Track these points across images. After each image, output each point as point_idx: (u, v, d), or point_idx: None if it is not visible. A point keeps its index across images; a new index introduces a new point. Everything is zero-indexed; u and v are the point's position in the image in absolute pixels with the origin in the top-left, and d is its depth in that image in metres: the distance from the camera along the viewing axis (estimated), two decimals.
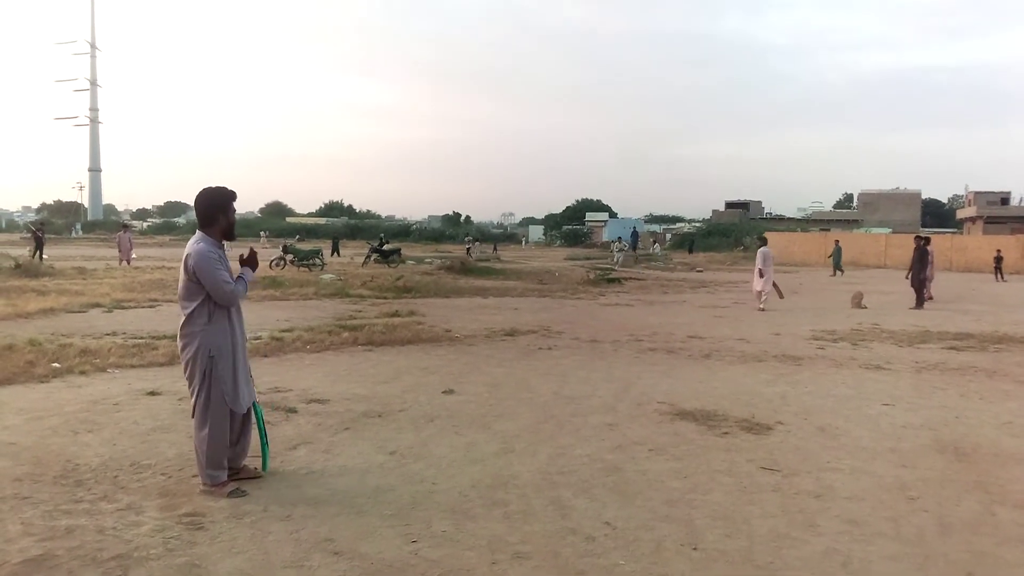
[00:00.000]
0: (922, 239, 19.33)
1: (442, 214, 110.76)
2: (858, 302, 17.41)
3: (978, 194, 70.93)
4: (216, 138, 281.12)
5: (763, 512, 4.43)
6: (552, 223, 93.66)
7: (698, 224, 79.33)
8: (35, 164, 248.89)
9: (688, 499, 4.61)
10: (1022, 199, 73.16)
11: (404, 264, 30.31)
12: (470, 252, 41.47)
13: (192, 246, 4.55)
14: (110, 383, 7.47)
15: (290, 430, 5.93)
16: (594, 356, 9.85)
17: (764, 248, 17.12)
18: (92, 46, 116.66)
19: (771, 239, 19.69)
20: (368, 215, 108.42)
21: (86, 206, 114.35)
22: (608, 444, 5.75)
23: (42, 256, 27.39)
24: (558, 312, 15.37)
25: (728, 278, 28.38)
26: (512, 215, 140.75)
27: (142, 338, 9.99)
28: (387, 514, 4.27)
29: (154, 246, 48.74)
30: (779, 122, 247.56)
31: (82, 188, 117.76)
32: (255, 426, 4.86)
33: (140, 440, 5.52)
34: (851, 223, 76.24)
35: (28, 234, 39.33)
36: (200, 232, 4.65)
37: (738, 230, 62.37)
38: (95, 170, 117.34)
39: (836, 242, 34.21)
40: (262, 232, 67.30)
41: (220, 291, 4.49)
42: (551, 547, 3.89)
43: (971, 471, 5.31)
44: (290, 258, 27.19)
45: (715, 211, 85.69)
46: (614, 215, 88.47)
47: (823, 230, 60.84)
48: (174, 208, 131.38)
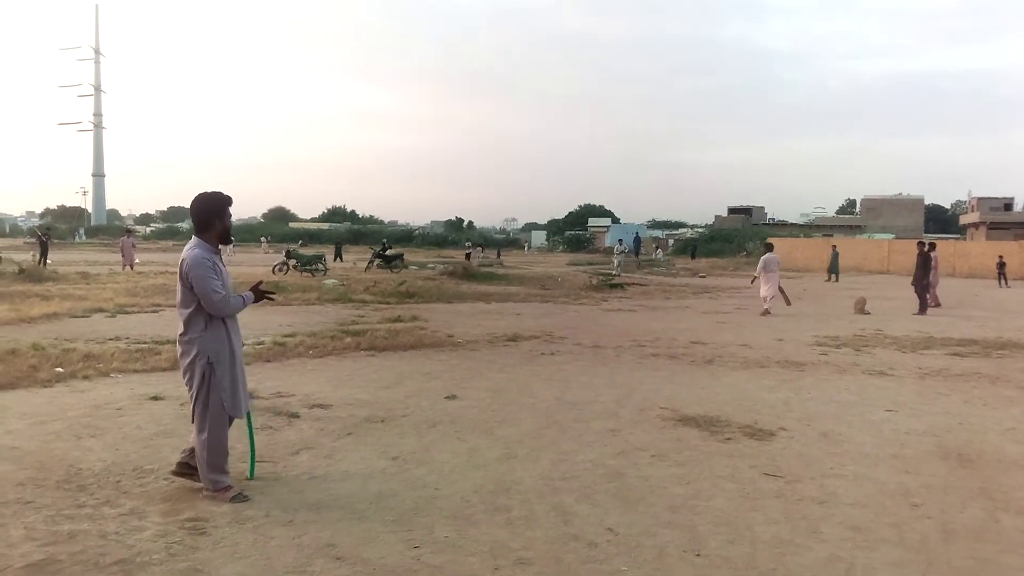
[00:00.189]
0: (925, 245, 19.32)
1: (445, 219, 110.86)
2: (861, 308, 17.39)
3: (981, 200, 70.80)
4: (219, 143, 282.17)
5: (766, 518, 4.42)
6: (555, 228, 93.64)
7: (701, 229, 79.28)
8: (39, 169, 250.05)
9: (691, 505, 4.61)
10: None
11: (407, 269, 30.34)
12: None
13: (188, 252, 4.56)
14: (113, 388, 7.49)
15: (292, 435, 5.94)
16: (596, 362, 9.84)
17: (766, 255, 17.30)
18: (96, 52, 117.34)
19: (774, 245, 19.66)
20: (371, 220, 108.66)
21: (89, 211, 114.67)
22: (610, 450, 5.74)
23: (46, 261, 27.44)
24: (561, 317, 15.37)
25: (731, 283, 28.36)
26: (515, 220, 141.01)
27: (145, 343, 10.02)
28: (389, 520, 4.27)
29: (157, 251, 48.78)
30: (782, 128, 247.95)
31: (85, 193, 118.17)
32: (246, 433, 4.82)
33: (143, 445, 5.52)
34: (854, 229, 76.14)
35: (33, 239, 39.45)
36: (196, 238, 4.65)
37: (741, 235, 62.35)
38: (99, 175, 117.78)
39: (833, 248, 34.15)
40: (263, 238, 67.55)
41: (209, 299, 4.47)
42: (553, 553, 3.88)
43: (975, 477, 5.30)
44: (293, 263, 27.24)
45: (718, 216, 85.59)
46: (617, 220, 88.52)
47: (826, 235, 60.77)
48: (177, 213, 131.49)
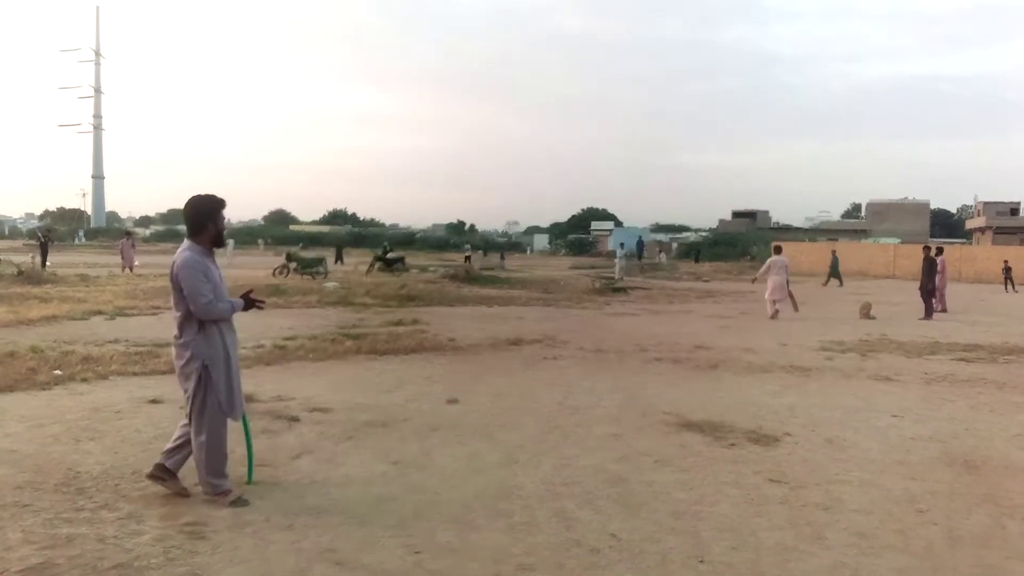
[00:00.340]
0: (931, 249, 19.28)
1: (446, 222, 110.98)
2: (866, 312, 17.34)
3: (987, 204, 70.70)
4: (219, 146, 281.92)
5: (770, 524, 4.38)
6: (557, 232, 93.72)
7: (704, 233, 79.27)
8: (38, 171, 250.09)
9: (694, 511, 4.57)
10: None
11: (408, 272, 30.29)
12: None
13: (179, 255, 4.55)
14: (112, 391, 7.46)
15: (293, 439, 5.90)
16: (599, 366, 9.80)
17: (772, 257, 17.47)
18: (96, 53, 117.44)
19: (782, 248, 19.65)
20: (372, 223, 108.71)
21: (89, 213, 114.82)
22: (613, 455, 5.70)
23: (45, 263, 27.44)
24: (563, 321, 15.33)
25: (735, 288, 28.33)
26: (517, 223, 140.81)
27: (144, 346, 9.98)
28: (390, 524, 4.23)
29: (157, 253, 48.67)
30: (786, 131, 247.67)
31: (85, 195, 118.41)
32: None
33: (142, 448, 5.49)
34: (859, 233, 76.08)
35: (34, 240, 39.53)
36: (188, 240, 4.63)
37: (745, 239, 62.31)
38: (98, 177, 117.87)
39: (833, 252, 34.05)
40: (260, 240, 67.92)
41: (197, 302, 4.43)
42: (555, 559, 3.84)
43: (980, 484, 5.26)
44: (294, 266, 27.23)
45: (722, 220, 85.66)
46: (619, 224, 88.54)
47: (831, 239, 60.72)
48: (177, 215, 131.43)
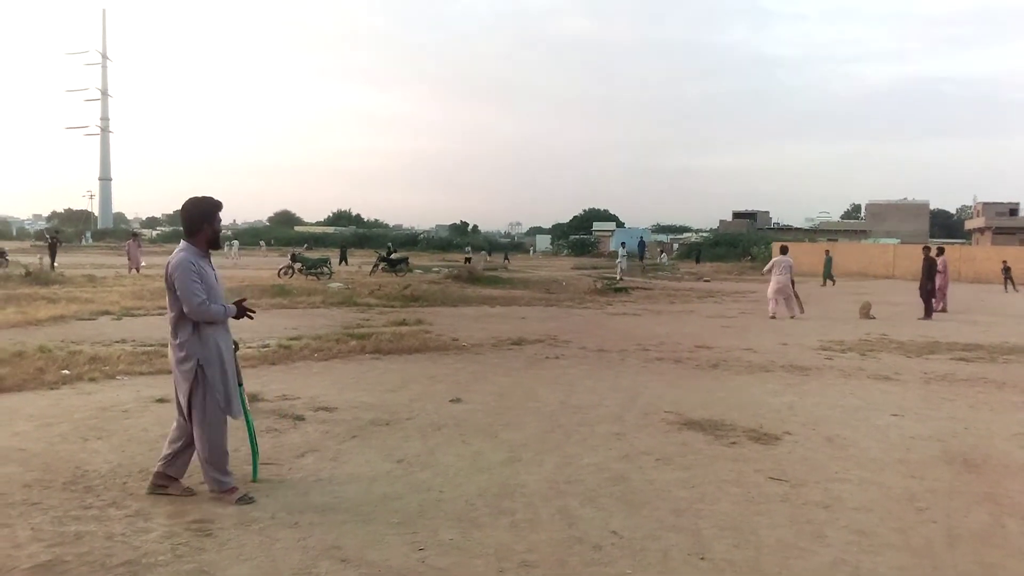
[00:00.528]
0: (930, 249, 19.29)
1: (449, 223, 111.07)
2: (866, 312, 17.34)
3: (986, 205, 70.62)
4: (225, 147, 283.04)
5: (771, 522, 4.42)
6: (559, 232, 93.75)
7: (705, 234, 79.28)
8: (46, 173, 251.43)
9: (695, 509, 4.60)
10: None
11: (411, 273, 30.34)
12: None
13: (174, 256, 4.60)
14: (119, 390, 7.51)
15: (298, 438, 5.95)
16: (601, 365, 9.84)
17: (777, 256, 17.64)
18: (103, 56, 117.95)
19: (788, 248, 19.71)
20: (376, 224, 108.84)
21: (96, 214, 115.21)
22: (615, 453, 5.74)
23: (53, 264, 27.54)
24: (565, 321, 15.36)
25: (735, 288, 28.32)
26: (519, 224, 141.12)
27: (151, 345, 10.04)
28: (394, 522, 4.27)
29: (163, 254, 48.71)
30: (786, 133, 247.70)
31: (92, 196, 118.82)
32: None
33: (149, 447, 5.53)
34: (859, 233, 76.01)
35: (43, 241, 39.66)
36: (184, 241, 4.67)
37: (745, 240, 62.25)
38: (105, 179, 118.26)
39: (827, 252, 33.87)
40: (261, 241, 68.30)
41: (190, 302, 4.46)
42: (558, 556, 3.89)
43: (980, 482, 5.28)
44: (298, 267, 27.30)
45: (722, 221, 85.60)
46: (621, 225, 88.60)
47: (831, 240, 60.67)
48: None
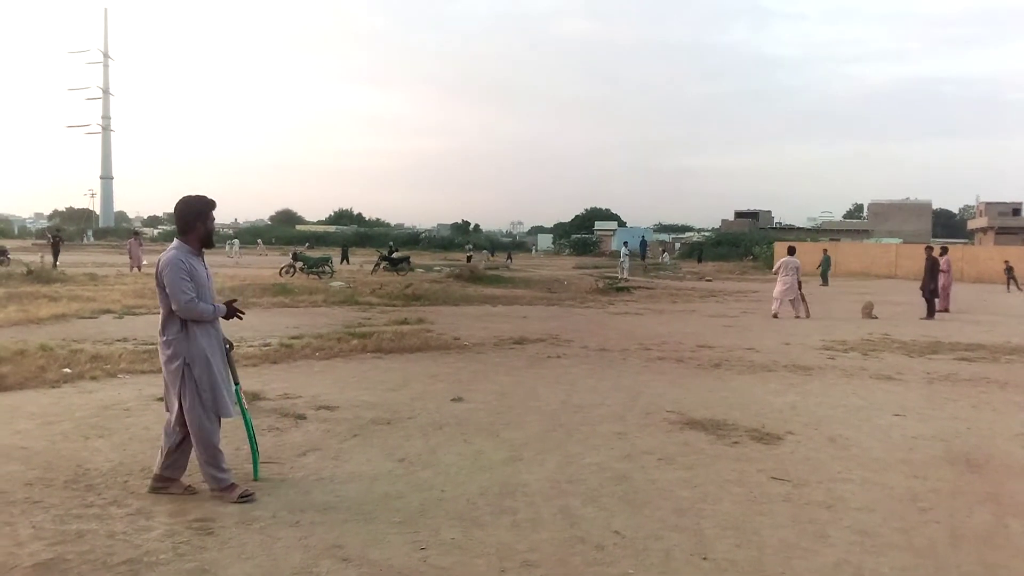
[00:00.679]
0: (932, 249, 19.26)
1: (451, 222, 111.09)
2: (868, 312, 17.33)
3: (989, 205, 70.59)
4: (227, 146, 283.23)
5: (773, 522, 4.41)
6: (561, 232, 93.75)
7: (707, 233, 79.30)
8: (48, 171, 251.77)
9: (697, 509, 4.60)
10: None
11: (413, 272, 30.36)
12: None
13: (165, 253, 4.58)
14: (121, 388, 7.51)
15: (299, 436, 5.95)
16: (603, 365, 9.83)
17: (785, 257, 17.78)
18: (105, 55, 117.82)
19: (780, 250, 19.77)
20: (377, 223, 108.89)
21: (98, 213, 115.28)
22: (617, 453, 5.73)
23: (56, 263, 27.59)
24: (567, 321, 15.36)
25: (737, 287, 28.29)
26: (521, 224, 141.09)
27: (152, 344, 10.01)
28: (396, 521, 4.27)
29: None
30: (788, 132, 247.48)
31: (94, 195, 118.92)
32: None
33: (150, 445, 5.52)
34: (861, 233, 75.95)
35: (44, 240, 39.73)
36: (177, 240, 4.66)
37: (747, 240, 62.26)
38: (107, 177, 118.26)
39: (824, 251, 33.69)
40: (259, 240, 68.53)
41: (178, 299, 4.45)
42: (560, 555, 3.88)
43: (983, 482, 5.27)
44: (300, 265, 27.32)
45: (724, 221, 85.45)
46: (623, 224, 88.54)
47: (833, 239, 60.63)
48: None
